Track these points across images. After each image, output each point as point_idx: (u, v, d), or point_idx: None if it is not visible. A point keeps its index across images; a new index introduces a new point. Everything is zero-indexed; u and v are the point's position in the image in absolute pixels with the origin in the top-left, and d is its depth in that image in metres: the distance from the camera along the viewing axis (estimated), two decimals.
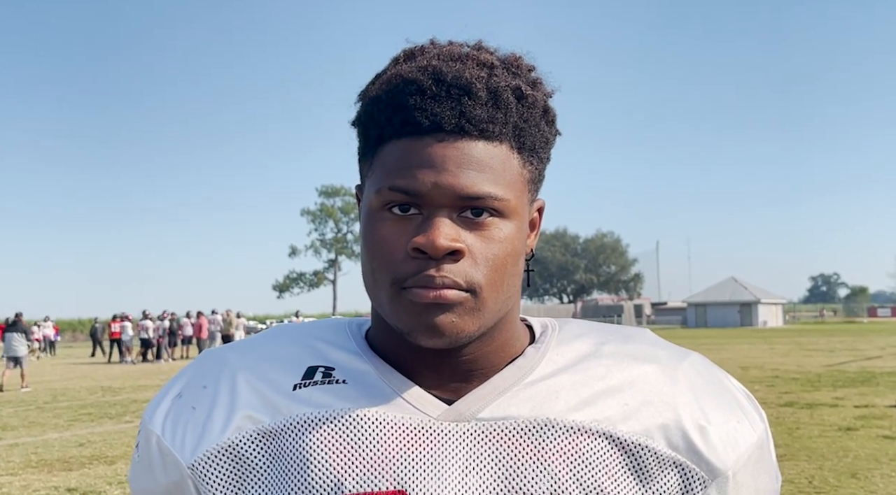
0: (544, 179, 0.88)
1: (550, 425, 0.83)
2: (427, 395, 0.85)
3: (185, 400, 0.90)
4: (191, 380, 0.91)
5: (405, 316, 0.79)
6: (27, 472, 8.20)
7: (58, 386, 18.38)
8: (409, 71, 0.81)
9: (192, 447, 0.86)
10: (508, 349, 0.88)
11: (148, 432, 0.90)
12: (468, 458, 0.82)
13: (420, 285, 0.77)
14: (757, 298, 64.44)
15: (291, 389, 0.86)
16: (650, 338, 0.93)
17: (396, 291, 0.79)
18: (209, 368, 0.91)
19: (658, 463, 0.83)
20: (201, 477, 0.85)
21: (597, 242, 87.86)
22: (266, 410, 0.86)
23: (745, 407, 0.89)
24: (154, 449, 0.89)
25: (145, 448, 0.90)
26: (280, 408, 0.85)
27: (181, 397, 0.90)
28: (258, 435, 0.85)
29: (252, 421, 0.85)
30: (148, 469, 0.90)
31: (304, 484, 0.82)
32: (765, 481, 0.88)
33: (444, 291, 0.77)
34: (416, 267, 0.78)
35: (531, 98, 0.82)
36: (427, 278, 0.77)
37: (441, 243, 0.76)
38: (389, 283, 0.79)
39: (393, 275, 0.79)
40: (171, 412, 0.89)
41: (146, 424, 0.91)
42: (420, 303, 0.78)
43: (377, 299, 0.83)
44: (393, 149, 0.80)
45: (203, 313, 29.64)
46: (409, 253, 0.78)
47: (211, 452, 0.85)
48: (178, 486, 0.87)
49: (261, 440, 0.85)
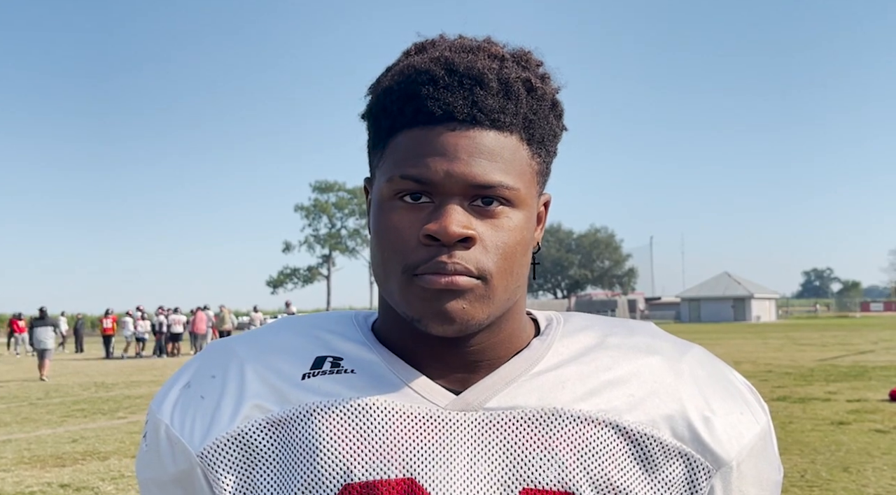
0: (551, 174, 0.88)
1: (557, 415, 0.83)
2: (434, 385, 0.85)
3: (193, 390, 0.90)
4: (199, 371, 0.91)
5: (416, 302, 0.79)
6: (20, 468, 8.18)
7: (50, 382, 18.34)
8: (421, 62, 0.81)
9: (201, 435, 0.86)
10: (515, 340, 0.88)
11: (156, 421, 0.90)
12: (476, 447, 0.82)
13: (432, 272, 0.78)
14: (750, 293, 64.68)
15: (300, 379, 0.86)
16: (654, 331, 0.94)
17: (408, 278, 0.79)
18: (217, 359, 0.92)
19: (664, 453, 0.84)
20: (211, 465, 0.85)
21: (590, 237, 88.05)
22: (275, 399, 0.86)
23: (748, 398, 0.90)
24: (163, 438, 0.89)
25: (153, 437, 0.90)
26: (289, 398, 0.86)
27: (189, 387, 0.90)
28: (267, 424, 0.85)
29: (261, 410, 0.86)
30: (156, 458, 0.90)
31: (313, 472, 0.82)
32: (767, 472, 0.89)
33: (456, 277, 0.78)
34: (428, 253, 0.78)
35: (541, 91, 0.83)
36: (439, 264, 0.78)
37: (453, 230, 0.77)
38: (401, 271, 0.80)
39: (405, 263, 0.79)
40: (180, 401, 0.89)
41: (154, 413, 0.90)
42: (432, 289, 0.78)
43: (387, 287, 0.82)
44: (405, 138, 0.80)
45: (199, 309, 29.63)
46: (420, 240, 0.78)
47: (220, 441, 0.85)
48: (186, 475, 0.87)
49: (270, 429, 0.85)
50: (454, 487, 0.81)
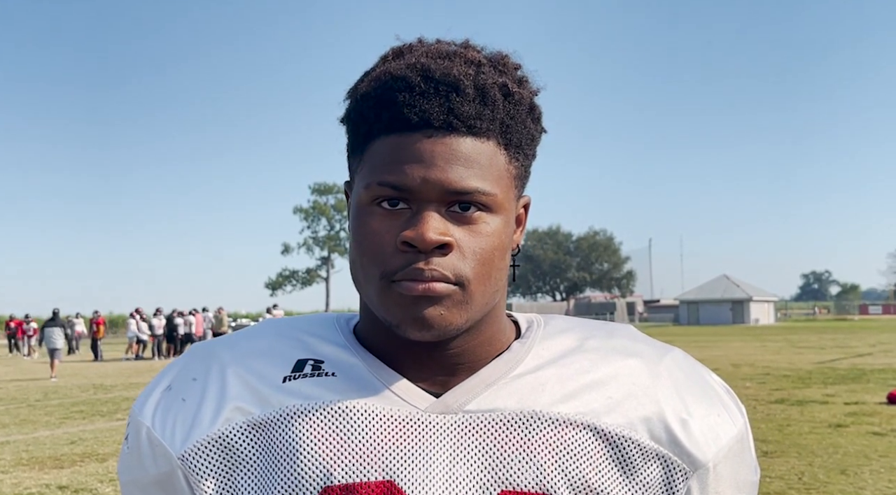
0: (530, 176, 0.89)
1: (536, 417, 0.84)
2: (415, 388, 0.86)
3: (174, 393, 0.90)
4: (180, 373, 0.92)
5: (394, 309, 0.80)
6: (18, 470, 8.18)
7: (49, 384, 18.32)
8: (397, 68, 0.82)
9: (182, 438, 0.87)
10: (495, 343, 0.89)
11: (138, 423, 0.90)
12: (455, 449, 0.83)
13: (409, 278, 0.78)
14: (749, 296, 64.65)
15: (281, 382, 0.87)
16: (633, 334, 0.95)
17: (386, 285, 0.80)
18: (198, 361, 0.92)
19: (641, 455, 0.85)
20: (191, 467, 0.86)
21: (589, 240, 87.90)
22: (256, 402, 0.86)
23: (726, 401, 0.91)
24: (144, 441, 0.89)
25: (135, 439, 0.90)
26: (270, 400, 0.86)
27: (171, 389, 0.91)
28: (248, 427, 0.86)
29: (242, 412, 0.86)
30: (138, 460, 0.90)
31: (293, 475, 0.83)
32: (744, 473, 0.90)
33: (433, 284, 0.78)
34: (405, 260, 0.79)
35: (518, 95, 0.83)
36: (416, 271, 0.78)
37: (430, 236, 0.77)
38: (379, 277, 0.80)
39: (382, 269, 0.80)
40: (161, 404, 0.90)
41: (136, 416, 0.91)
42: (409, 295, 0.79)
43: (366, 293, 0.83)
44: (382, 145, 0.81)
45: (198, 311, 29.67)
46: (398, 247, 0.79)
47: (201, 443, 0.86)
48: (167, 477, 0.88)
49: (250, 431, 0.86)
50: (433, 489, 0.81)
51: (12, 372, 22.89)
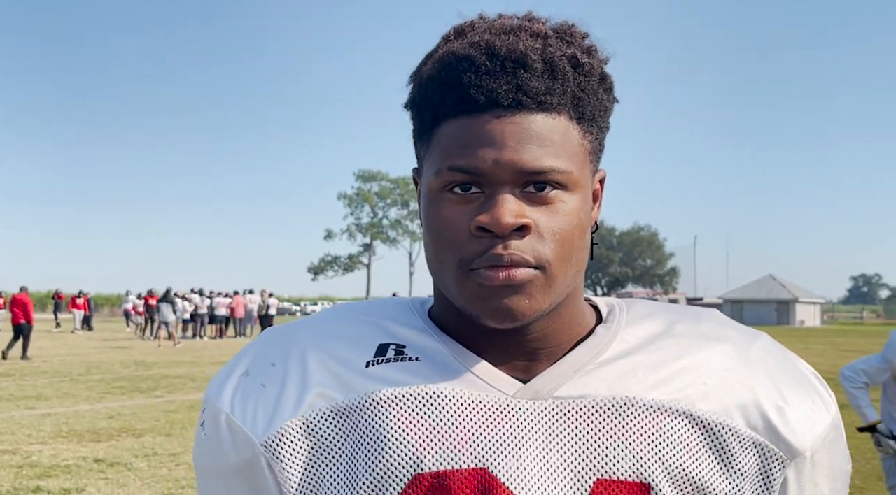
0: (604, 148, 0.85)
1: (630, 404, 0.81)
2: (500, 373, 0.84)
3: (252, 378, 0.88)
4: (257, 358, 0.90)
5: (475, 300, 0.78)
6: (57, 441, 8.39)
7: (93, 359, 18.74)
8: (460, 48, 0.79)
9: (264, 424, 0.84)
10: (575, 326, 0.86)
11: (216, 409, 0.88)
12: (548, 436, 0.81)
13: (488, 265, 0.76)
14: (795, 297, 63.59)
15: (364, 367, 0.85)
16: (720, 318, 0.92)
17: (464, 273, 0.78)
18: (276, 346, 0.90)
19: (739, 442, 0.82)
20: (275, 454, 0.83)
21: (633, 235, 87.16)
22: (339, 388, 0.84)
23: (818, 388, 0.88)
24: (223, 427, 0.86)
25: (213, 426, 0.88)
26: (353, 386, 0.84)
27: (248, 375, 0.88)
28: (332, 413, 0.83)
29: (325, 398, 0.84)
30: (217, 447, 0.87)
31: (381, 462, 0.80)
32: (839, 462, 0.87)
33: (514, 271, 0.76)
34: (482, 246, 0.76)
35: (587, 66, 0.80)
36: (495, 257, 0.76)
37: (506, 220, 0.75)
38: (456, 265, 0.78)
39: (459, 257, 0.78)
40: (240, 389, 0.87)
41: (213, 402, 0.88)
42: (490, 285, 0.76)
43: (443, 282, 0.81)
44: (450, 128, 0.78)
45: (238, 293, 30.04)
46: (472, 232, 0.77)
47: (284, 429, 0.84)
48: (249, 464, 0.85)
49: (335, 417, 0.83)
50: (528, 477, 0.79)
51: (57, 346, 23.44)
